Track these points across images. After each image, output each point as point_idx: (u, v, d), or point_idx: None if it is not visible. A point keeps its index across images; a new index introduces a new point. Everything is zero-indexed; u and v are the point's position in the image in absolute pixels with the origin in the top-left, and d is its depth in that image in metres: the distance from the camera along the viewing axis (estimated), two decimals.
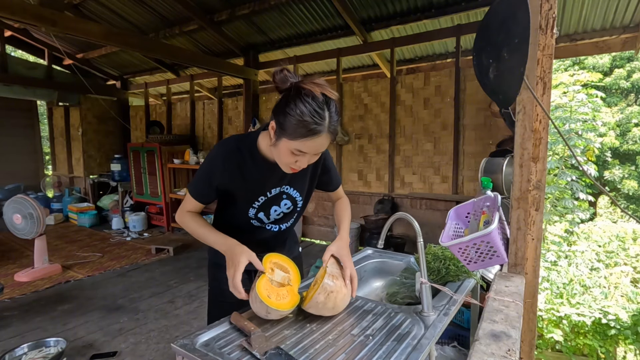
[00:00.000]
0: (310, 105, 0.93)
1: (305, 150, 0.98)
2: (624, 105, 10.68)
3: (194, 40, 5.20)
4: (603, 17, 3.29)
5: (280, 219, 1.25)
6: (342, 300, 1.05)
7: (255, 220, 1.21)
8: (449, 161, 3.89)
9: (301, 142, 0.96)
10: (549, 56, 1.17)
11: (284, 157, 1.01)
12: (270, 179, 1.15)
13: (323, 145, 0.99)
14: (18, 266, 3.91)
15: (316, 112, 0.93)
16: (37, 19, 2.93)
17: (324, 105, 0.94)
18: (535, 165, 1.21)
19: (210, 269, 1.36)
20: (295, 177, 1.19)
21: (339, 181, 1.35)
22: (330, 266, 1.10)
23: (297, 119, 0.93)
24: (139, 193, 5.86)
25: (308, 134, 0.94)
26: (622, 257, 6.29)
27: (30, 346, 2.23)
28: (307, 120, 0.92)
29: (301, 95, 0.93)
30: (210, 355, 0.88)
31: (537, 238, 1.25)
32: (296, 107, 0.93)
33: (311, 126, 0.93)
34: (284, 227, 1.28)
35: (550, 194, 5.82)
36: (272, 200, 1.19)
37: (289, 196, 1.22)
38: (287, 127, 0.95)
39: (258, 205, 1.17)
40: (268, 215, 1.21)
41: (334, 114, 0.97)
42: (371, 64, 4.91)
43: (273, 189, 1.17)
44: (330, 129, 0.97)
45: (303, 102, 0.93)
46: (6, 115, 6.97)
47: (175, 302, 3.12)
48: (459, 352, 1.71)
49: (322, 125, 0.94)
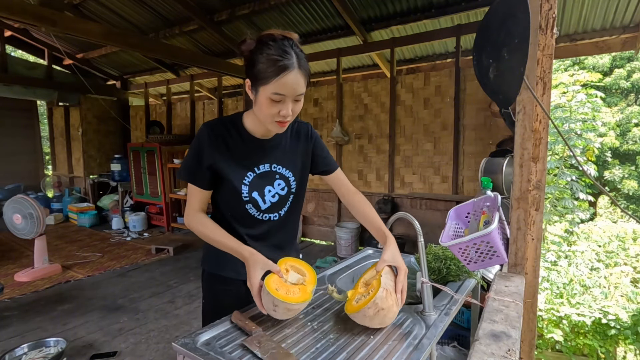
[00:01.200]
0: (272, 46, 0.96)
1: (282, 92, 0.97)
2: (624, 105, 10.69)
3: (194, 40, 5.20)
4: (603, 17, 3.29)
5: (277, 203, 1.20)
6: (390, 320, 1.01)
7: (251, 205, 1.16)
8: (449, 161, 3.89)
9: (276, 83, 0.96)
10: (549, 56, 1.18)
11: (266, 109, 1.01)
12: (257, 153, 1.15)
13: (298, 83, 0.98)
14: (18, 266, 3.91)
15: (280, 49, 0.96)
16: (37, 18, 2.93)
17: (286, 42, 0.97)
18: (535, 165, 1.21)
19: (205, 282, 1.29)
20: (284, 155, 1.19)
21: (335, 164, 1.31)
22: (385, 276, 1.04)
23: (265, 60, 0.96)
24: (139, 193, 5.86)
25: (279, 70, 0.95)
26: (622, 257, 6.30)
27: (30, 346, 2.23)
28: (273, 58, 0.95)
29: (262, 42, 0.98)
30: (211, 355, 0.88)
31: (537, 238, 1.25)
32: (261, 53, 0.97)
33: (279, 62, 0.94)
34: (283, 213, 1.23)
35: (550, 194, 5.83)
36: (264, 178, 1.16)
37: (281, 176, 1.19)
38: (258, 73, 0.97)
39: (249, 182, 1.14)
40: (263, 196, 1.17)
41: (299, 52, 0.99)
42: (371, 64, 4.91)
43: (261, 165, 1.16)
44: (302, 65, 0.98)
45: (265, 45, 0.97)
46: (6, 115, 6.97)
47: (175, 302, 3.12)
48: (459, 352, 1.71)
49: (290, 60, 0.95)
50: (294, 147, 1.22)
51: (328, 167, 1.29)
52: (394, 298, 1.00)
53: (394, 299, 1.00)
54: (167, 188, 5.48)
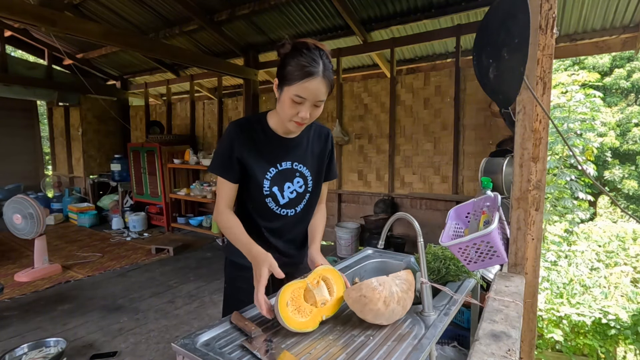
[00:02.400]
0: (304, 52, 1.04)
1: (303, 95, 1.05)
2: (624, 105, 10.69)
3: (194, 40, 5.20)
4: (603, 17, 3.29)
5: (294, 200, 1.28)
6: (397, 316, 1.04)
7: (271, 199, 1.24)
8: (449, 161, 3.89)
9: (299, 85, 1.03)
10: (549, 56, 1.18)
11: (287, 109, 1.08)
12: (280, 151, 1.23)
13: (320, 90, 1.05)
14: (18, 266, 3.91)
15: (309, 57, 1.03)
16: (37, 18, 2.93)
17: (317, 52, 1.05)
18: (535, 165, 1.21)
19: (226, 268, 1.40)
20: (304, 154, 1.27)
21: (335, 175, 1.39)
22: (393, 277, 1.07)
23: (295, 64, 1.04)
24: (139, 193, 5.86)
25: (305, 75, 1.02)
26: (622, 257, 6.30)
27: (30, 346, 2.23)
28: (302, 63, 1.02)
29: (296, 49, 1.05)
30: (210, 355, 0.88)
31: (537, 238, 1.25)
32: (293, 57, 1.05)
33: (306, 68, 1.02)
34: (299, 209, 1.30)
35: (549, 193, 5.83)
36: (285, 175, 1.24)
37: (301, 174, 1.27)
38: (286, 74, 1.05)
39: (271, 177, 1.22)
40: (282, 191, 1.25)
41: (327, 63, 1.06)
42: (371, 64, 4.91)
43: (284, 162, 1.24)
44: (326, 75, 1.05)
45: (297, 51, 1.04)
46: (6, 115, 6.97)
47: (175, 302, 3.12)
48: (459, 352, 1.71)
49: (316, 67, 1.03)
50: (315, 148, 1.30)
51: (328, 175, 1.37)
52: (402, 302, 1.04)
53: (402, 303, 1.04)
54: (167, 188, 5.48)
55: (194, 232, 5.45)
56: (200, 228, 5.33)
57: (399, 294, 1.02)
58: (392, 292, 1.00)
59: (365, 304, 0.99)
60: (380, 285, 1.00)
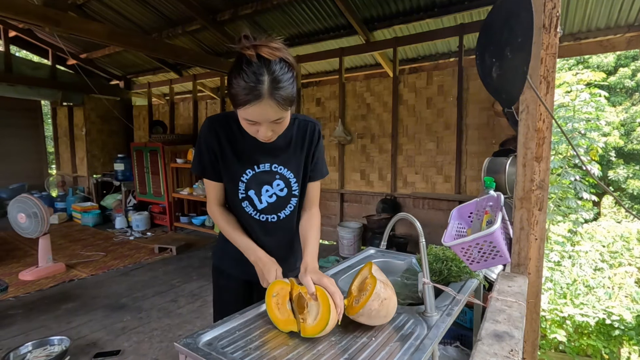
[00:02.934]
0: (244, 71, 0.88)
1: (251, 119, 0.94)
2: (628, 104, 10.61)
3: (197, 40, 5.21)
4: (607, 16, 3.26)
5: (275, 204, 1.17)
6: (393, 309, 1.01)
7: (247, 203, 1.15)
8: (451, 161, 3.88)
9: (245, 110, 0.93)
10: (553, 55, 1.17)
11: (245, 128, 1.00)
12: (258, 151, 1.12)
13: (268, 112, 0.92)
14: (22, 265, 3.94)
15: (251, 76, 0.88)
16: (41, 19, 2.95)
17: (261, 69, 0.88)
18: (539, 164, 1.21)
19: (212, 274, 1.34)
20: (286, 154, 1.15)
21: (322, 174, 1.24)
22: (376, 273, 1.07)
23: (235, 87, 0.91)
24: (142, 192, 5.89)
25: (247, 100, 0.90)
26: (626, 258, 6.25)
27: (34, 344, 2.24)
28: (242, 87, 0.89)
29: (238, 62, 0.91)
30: (213, 355, 0.88)
31: (540, 238, 1.24)
32: (235, 76, 0.91)
33: (248, 93, 0.89)
34: (283, 216, 1.19)
35: (553, 193, 5.80)
36: (263, 177, 1.14)
37: (282, 176, 1.16)
38: (232, 97, 0.94)
39: (246, 179, 1.13)
40: (259, 195, 1.15)
41: (278, 76, 0.89)
42: (374, 64, 4.90)
43: (262, 164, 1.13)
44: (274, 95, 0.89)
45: (239, 68, 0.90)
46: (11, 115, 7.01)
47: (178, 301, 3.13)
48: (461, 352, 1.70)
49: (259, 88, 0.88)
50: (299, 147, 1.17)
51: (314, 174, 1.23)
52: (391, 289, 1.02)
53: (392, 290, 1.02)
54: (170, 187, 5.49)
55: (196, 232, 5.47)
56: (202, 227, 5.34)
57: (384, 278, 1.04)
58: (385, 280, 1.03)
59: (388, 305, 1.00)
60: (382, 283, 1.01)
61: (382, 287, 1.00)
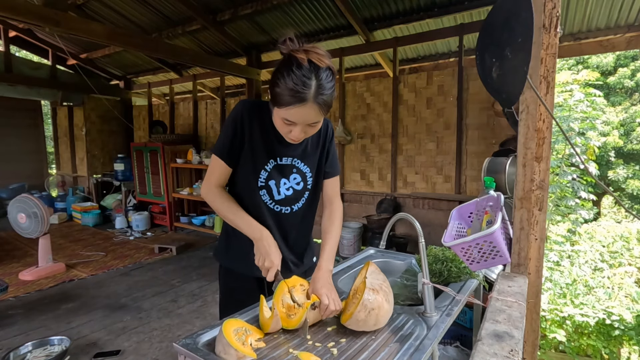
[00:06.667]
0: (294, 73, 0.92)
1: (291, 119, 0.98)
2: (628, 104, 10.61)
3: (197, 40, 5.21)
4: (607, 16, 3.26)
5: (291, 197, 1.21)
6: (383, 317, 1.00)
7: (265, 192, 1.17)
8: (451, 161, 3.88)
9: (286, 111, 0.96)
10: (553, 55, 1.17)
11: (279, 126, 1.04)
12: (282, 144, 1.15)
13: (310, 114, 0.96)
14: (22, 265, 3.94)
15: (300, 79, 0.92)
16: (41, 19, 2.95)
17: (311, 74, 0.92)
18: (539, 164, 1.21)
19: (221, 277, 1.31)
20: (305, 151, 1.20)
21: (337, 170, 1.30)
22: (370, 276, 1.05)
23: (282, 87, 0.94)
24: (142, 192, 5.89)
25: (292, 101, 0.93)
26: (626, 258, 6.25)
27: (34, 344, 2.25)
28: (290, 87, 0.92)
29: (288, 63, 0.94)
30: (212, 355, 0.88)
31: (540, 238, 1.24)
32: (282, 75, 0.94)
33: (294, 94, 0.92)
34: (296, 208, 1.23)
35: (552, 193, 5.80)
36: (283, 169, 1.18)
37: (299, 170, 1.20)
38: (275, 96, 0.97)
39: (270, 169, 1.16)
40: (278, 186, 1.18)
41: (324, 81, 0.94)
42: (374, 64, 4.90)
43: (284, 157, 1.17)
44: (318, 99, 0.94)
45: (288, 70, 0.93)
46: (11, 115, 7.00)
47: (178, 301, 3.13)
48: (461, 352, 1.70)
49: (306, 92, 0.92)
50: (315, 143, 1.23)
51: (331, 170, 1.28)
52: (384, 296, 1.00)
53: (384, 297, 1.00)
54: (170, 187, 5.49)
55: (196, 232, 5.47)
56: (202, 227, 5.34)
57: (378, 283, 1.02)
58: (378, 286, 1.01)
59: (377, 314, 0.99)
60: (372, 290, 1.00)
61: (370, 295, 0.98)
